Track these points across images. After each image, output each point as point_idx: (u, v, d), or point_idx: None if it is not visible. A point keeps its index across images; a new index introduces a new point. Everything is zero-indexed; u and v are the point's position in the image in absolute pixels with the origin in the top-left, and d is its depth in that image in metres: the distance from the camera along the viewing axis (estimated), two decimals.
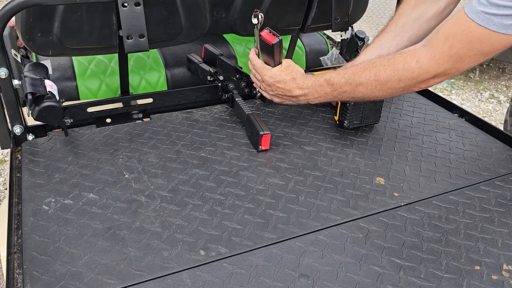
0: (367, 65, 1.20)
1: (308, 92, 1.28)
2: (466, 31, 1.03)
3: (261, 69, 1.34)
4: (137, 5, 1.23)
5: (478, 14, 1.00)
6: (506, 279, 0.91)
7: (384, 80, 1.16)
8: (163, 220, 1.01)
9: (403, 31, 1.36)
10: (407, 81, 1.14)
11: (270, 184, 1.14)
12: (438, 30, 1.11)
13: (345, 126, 1.36)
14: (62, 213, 1.02)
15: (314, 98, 1.29)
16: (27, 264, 0.89)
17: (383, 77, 1.16)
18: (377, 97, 1.22)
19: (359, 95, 1.22)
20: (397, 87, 1.16)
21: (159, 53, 1.76)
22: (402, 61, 1.13)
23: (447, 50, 1.07)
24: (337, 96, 1.26)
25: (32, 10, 1.21)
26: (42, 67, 1.24)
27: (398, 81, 1.14)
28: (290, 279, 0.88)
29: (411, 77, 1.12)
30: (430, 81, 1.13)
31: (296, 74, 1.30)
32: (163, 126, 1.36)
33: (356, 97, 1.24)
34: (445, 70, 1.09)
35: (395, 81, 1.15)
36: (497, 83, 4.26)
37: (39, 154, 1.21)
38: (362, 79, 1.19)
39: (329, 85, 1.25)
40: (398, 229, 1.02)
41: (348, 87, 1.22)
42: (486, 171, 1.23)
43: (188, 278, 0.88)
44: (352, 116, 1.34)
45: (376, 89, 1.18)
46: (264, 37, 1.28)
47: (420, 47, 1.13)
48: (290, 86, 1.29)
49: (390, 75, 1.15)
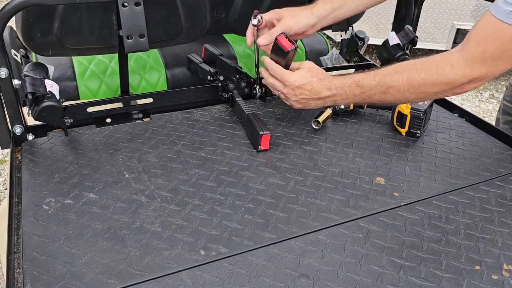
0: (398, 68, 1.16)
1: (337, 93, 1.23)
2: (498, 33, 1.01)
3: (283, 73, 1.27)
4: (137, 5, 1.23)
5: (508, 14, 0.98)
6: (506, 279, 0.90)
7: (417, 84, 1.12)
8: (163, 220, 1.01)
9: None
10: (441, 86, 1.11)
11: (270, 184, 1.14)
12: (468, 37, 1.08)
13: (417, 136, 1.35)
14: (62, 213, 1.02)
15: (342, 99, 1.24)
16: (27, 264, 0.89)
17: (416, 81, 1.12)
18: (408, 101, 1.20)
19: (390, 98, 1.18)
20: (430, 92, 1.13)
21: (159, 53, 1.76)
22: (436, 66, 1.11)
23: (480, 55, 1.05)
24: (366, 99, 1.22)
25: (32, 10, 1.21)
26: (42, 67, 1.24)
27: (432, 86, 1.11)
28: (290, 279, 0.88)
29: (446, 82, 1.10)
30: (465, 86, 1.10)
31: (322, 75, 1.26)
32: (163, 126, 1.36)
33: (386, 100, 1.19)
34: (480, 75, 1.07)
35: (428, 85, 1.12)
36: (497, 83, 4.26)
37: (39, 154, 1.21)
38: (394, 82, 1.15)
39: (358, 87, 1.20)
40: (398, 229, 1.02)
41: (379, 89, 1.17)
42: (486, 171, 1.23)
43: (188, 278, 0.88)
44: (421, 124, 1.33)
45: (408, 93, 1.14)
46: (281, 42, 1.24)
47: (454, 52, 1.11)
48: (318, 88, 1.24)
49: (424, 79, 1.11)
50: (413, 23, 1.66)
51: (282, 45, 1.24)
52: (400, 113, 1.35)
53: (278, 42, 1.25)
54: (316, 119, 1.37)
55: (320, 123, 1.37)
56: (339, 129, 1.40)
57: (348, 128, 1.40)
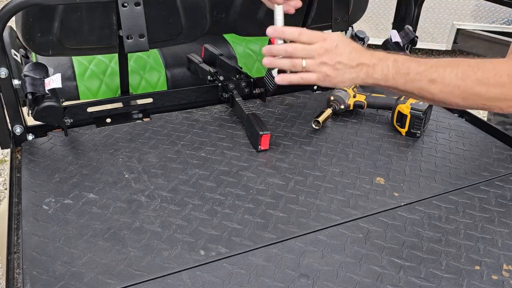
0: (452, 62, 1.01)
1: (378, 63, 1.03)
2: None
3: (317, 34, 1.04)
4: (137, 5, 1.23)
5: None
6: (506, 279, 0.90)
7: (471, 83, 0.98)
8: (163, 220, 1.01)
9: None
10: (496, 90, 0.98)
11: (270, 184, 1.14)
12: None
13: (417, 136, 1.35)
14: (62, 213, 1.02)
15: (378, 75, 1.03)
16: (27, 264, 0.89)
17: (471, 78, 0.98)
18: (453, 103, 1.03)
19: (435, 90, 1.00)
20: (483, 95, 0.99)
21: (159, 53, 1.76)
22: (492, 68, 0.99)
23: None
24: (407, 83, 1.02)
25: (32, 10, 1.21)
26: (42, 67, 1.24)
27: (487, 87, 0.98)
28: (290, 279, 0.88)
29: (502, 85, 0.98)
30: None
31: (358, 44, 1.09)
32: (163, 126, 1.36)
33: (428, 91, 1.01)
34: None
35: (484, 85, 0.98)
36: None
37: (39, 154, 1.21)
38: (446, 73, 0.99)
39: (405, 66, 1.02)
40: (398, 229, 1.02)
41: (426, 76, 1.00)
42: (486, 171, 1.23)
43: (188, 278, 0.88)
44: (421, 125, 1.33)
45: (457, 90, 0.99)
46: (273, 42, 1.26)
47: (506, 60, 1.01)
48: (359, 51, 1.04)
49: (479, 79, 0.98)
50: (413, 23, 1.66)
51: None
52: (400, 113, 1.35)
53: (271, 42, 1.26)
54: (316, 119, 1.37)
55: (320, 123, 1.37)
56: (339, 129, 1.40)
57: (348, 128, 1.40)
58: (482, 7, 3.75)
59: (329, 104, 1.43)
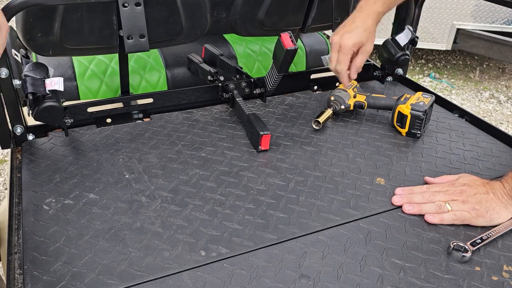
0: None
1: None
2: None
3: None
4: (137, 5, 1.23)
5: None
6: (506, 280, 0.91)
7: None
8: (164, 220, 1.01)
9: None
10: None
11: (271, 184, 1.14)
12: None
13: (418, 136, 1.35)
14: (62, 213, 1.02)
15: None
16: (28, 265, 0.89)
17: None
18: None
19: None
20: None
21: (159, 53, 1.76)
22: None
23: None
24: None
25: (32, 10, 1.21)
26: (43, 67, 1.24)
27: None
28: (290, 279, 0.89)
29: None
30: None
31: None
32: (164, 126, 1.36)
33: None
34: None
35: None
36: (497, 83, 4.26)
37: (40, 154, 1.21)
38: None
39: None
40: (398, 230, 1.02)
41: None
42: (487, 172, 1.23)
43: (188, 279, 0.88)
44: (421, 125, 1.33)
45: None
46: (283, 40, 1.28)
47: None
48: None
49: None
50: (413, 23, 1.66)
51: (283, 42, 1.27)
52: (400, 113, 1.35)
53: (281, 38, 1.28)
54: (317, 119, 1.37)
55: (321, 123, 1.37)
56: (339, 129, 1.40)
57: (348, 129, 1.40)
58: (482, 7, 3.75)
59: (330, 104, 1.43)
